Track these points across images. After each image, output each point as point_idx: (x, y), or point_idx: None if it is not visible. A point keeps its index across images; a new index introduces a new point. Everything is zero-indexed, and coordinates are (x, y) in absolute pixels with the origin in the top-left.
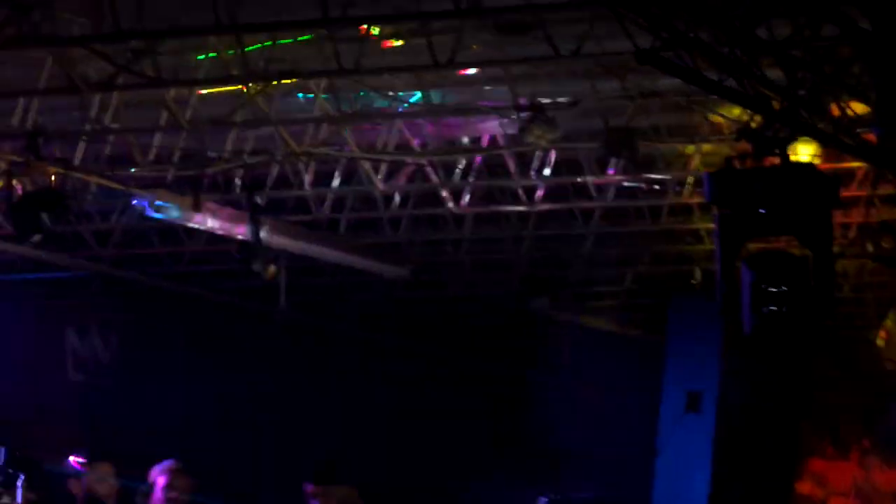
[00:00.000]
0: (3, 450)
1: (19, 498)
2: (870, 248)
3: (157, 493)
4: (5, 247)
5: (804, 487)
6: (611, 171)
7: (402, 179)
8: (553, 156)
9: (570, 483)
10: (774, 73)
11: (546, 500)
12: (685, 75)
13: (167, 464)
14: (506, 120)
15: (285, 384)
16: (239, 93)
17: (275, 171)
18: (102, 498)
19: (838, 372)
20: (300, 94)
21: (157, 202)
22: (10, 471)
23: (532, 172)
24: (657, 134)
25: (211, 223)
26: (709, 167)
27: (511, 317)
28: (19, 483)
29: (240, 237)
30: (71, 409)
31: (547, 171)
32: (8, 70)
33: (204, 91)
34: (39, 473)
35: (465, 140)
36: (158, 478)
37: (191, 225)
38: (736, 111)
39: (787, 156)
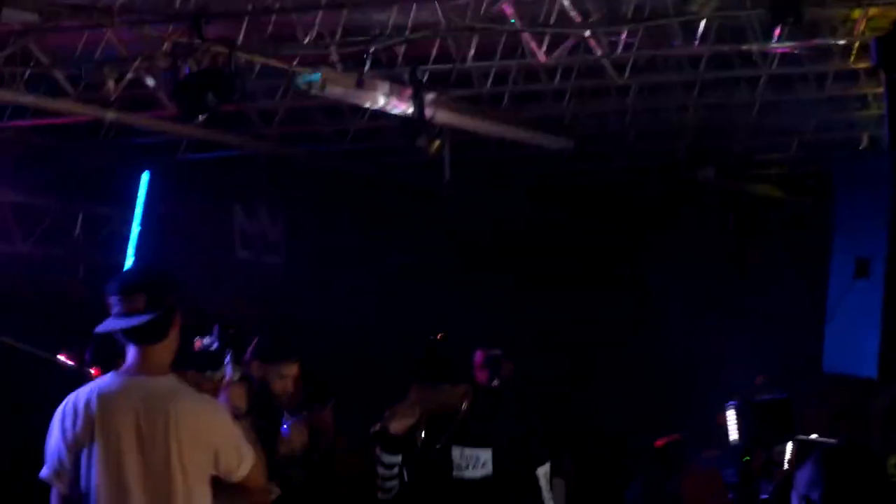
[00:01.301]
0: (216, 326)
1: (229, 373)
2: None
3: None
4: (171, 127)
5: None
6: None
7: (564, 52)
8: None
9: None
10: None
11: (735, 403)
12: None
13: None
14: None
15: (450, 259)
16: None
17: (437, 46)
18: (275, 391)
19: None
20: None
21: (321, 79)
22: (217, 344)
23: (696, 41)
24: None
25: (374, 100)
26: (876, 31)
27: (677, 187)
28: (227, 360)
29: (403, 113)
30: (239, 287)
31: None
32: None
33: None
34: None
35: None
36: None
37: (354, 102)
38: None
39: None
